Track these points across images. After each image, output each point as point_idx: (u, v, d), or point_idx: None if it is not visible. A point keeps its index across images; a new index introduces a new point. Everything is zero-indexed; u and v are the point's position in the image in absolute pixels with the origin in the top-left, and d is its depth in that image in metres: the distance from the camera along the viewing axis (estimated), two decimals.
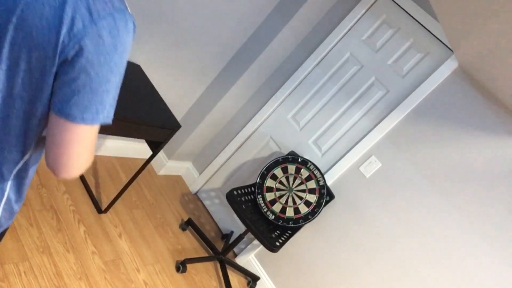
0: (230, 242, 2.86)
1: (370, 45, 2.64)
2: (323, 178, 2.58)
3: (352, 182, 2.62)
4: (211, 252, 2.80)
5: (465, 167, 2.30)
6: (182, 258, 2.56)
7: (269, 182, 2.66)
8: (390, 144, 2.52)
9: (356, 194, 2.60)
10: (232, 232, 3.08)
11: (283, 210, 2.58)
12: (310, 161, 2.62)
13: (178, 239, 2.74)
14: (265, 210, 2.60)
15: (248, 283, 2.88)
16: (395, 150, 2.50)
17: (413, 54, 2.50)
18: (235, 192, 2.51)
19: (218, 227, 3.18)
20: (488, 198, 2.23)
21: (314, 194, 2.56)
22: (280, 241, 2.47)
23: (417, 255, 2.38)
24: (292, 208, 2.57)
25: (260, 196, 2.64)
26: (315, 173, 2.59)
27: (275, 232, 2.55)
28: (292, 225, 2.55)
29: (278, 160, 2.67)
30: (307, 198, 2.56)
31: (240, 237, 2.70)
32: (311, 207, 2.54)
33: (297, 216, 2.55)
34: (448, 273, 2.29)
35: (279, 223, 2.57)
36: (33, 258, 1.88)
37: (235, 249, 3.02)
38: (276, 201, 2.61)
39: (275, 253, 2.78)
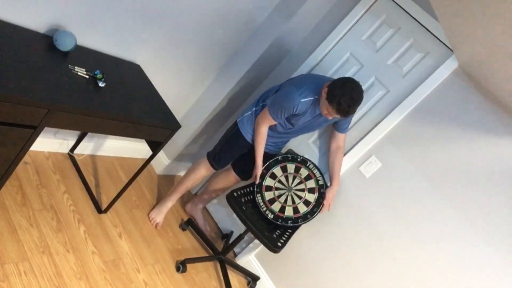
0: (230, 242, 2.86)
1: (370, 45, 2.64)
2: (323, 178, 2.57)
3: (352, 182, 2.62)
4: (211, 252, 2.80)
5: (465, 167, 2.30)
6: (182, 258, 2.56)
7: (268, 181, 2.63)
8: (390, 144, 2.52)
9: (356, 194, 2.60)
10: (232, 232, 3.08)
11: (282, 209, 2.57)
12: (310, 160, 2.61)
13: (178, 239, 2.74)
14: (264, 209, 2.58)
15: (248, 283, 2.88)
16: (395, 150, 2.50)
17: (413, 54, 2.50)
18: (235, 194, 2.50)
19: (218, 227, 3.18)
20: (488, 198, 2.22)
21: (313, 193, 2.55)
22: (282, 241, 2.46)
23: (417, 255, 2.37)
24: (291, 208, 2.56)
25: (259, 195, 2.61)
26: (315, 172, 2.58)
27: (275, 232, 2.55)
28: (291, 225, 2.54)
29: (278, 159, 2.66)
30: (306, 198, 2.55)
31: (240, 237, 2.70)
32: (310, 206, 2.53)
33: (296, 215, 2.54)
34: (448, 273, 2.29)
35: (278, 223, 2.56)
36: (33, 258, 1.88)
37: (235, 249, 3.02)
38: (275, 200, 2.59)
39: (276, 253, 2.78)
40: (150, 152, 2.26)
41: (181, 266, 2.50)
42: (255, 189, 2.62)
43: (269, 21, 2.71)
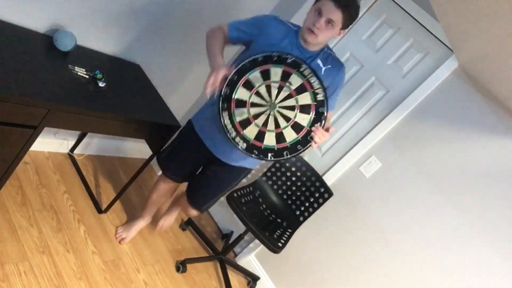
0: (230, 242, 2.86)
1: (370, 45, 2.64)
2: (323, 90, 1.66)
3: (352, 182, 2.62)
4: (211, 252, 2.80)
5: (465, 167, 2.30)
6: (182, 258, 2.56)
7: (241, 93, 1.71)
8: (390, 144, 2.52)
9: (356, 194, 2.60)
10: (232, 232, 3.08)
11: (260, 136, 1.72)
12: (306, 64, 1.65)
13: (178, 239, 2.74)
14: (233, 135, 1.73)
15: (248, 283, 2.88)
16: (395, 150, 2.50)
17: (413, 54, 2.50)
18: (235, 194, 2.50)
19: (218, 227, 3.18)
20: (488, 198, 2.22)
21: (308, 113, 1.68)
22: (282, 241, 2.45)
23: (418, 255, 2.37)
24: (273, 134, 1.71)
25: (226, 113, 1.72)
26: (312, 81, 1.66)
27: (276, 232, 2.54)
28: (272, 159, 1.75)
29: (257, 59, 1.68)
30: (296, 120, 1.69)
31: (240, 237, 2.70)
32: (302, 132, 1.69)
33: (280, 145, 1.71)
34: (448, 272, 2.29)
35: (253, 156, 1.74)
36: (33, 258, 1.88)
37: (235, 249, 3.02)
38: (250, 122, 1.72)
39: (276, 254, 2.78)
40: (150, 152, 2.26)
41: (181, 266, 2.50)
42: (219, 103, 1.72)
43: None
